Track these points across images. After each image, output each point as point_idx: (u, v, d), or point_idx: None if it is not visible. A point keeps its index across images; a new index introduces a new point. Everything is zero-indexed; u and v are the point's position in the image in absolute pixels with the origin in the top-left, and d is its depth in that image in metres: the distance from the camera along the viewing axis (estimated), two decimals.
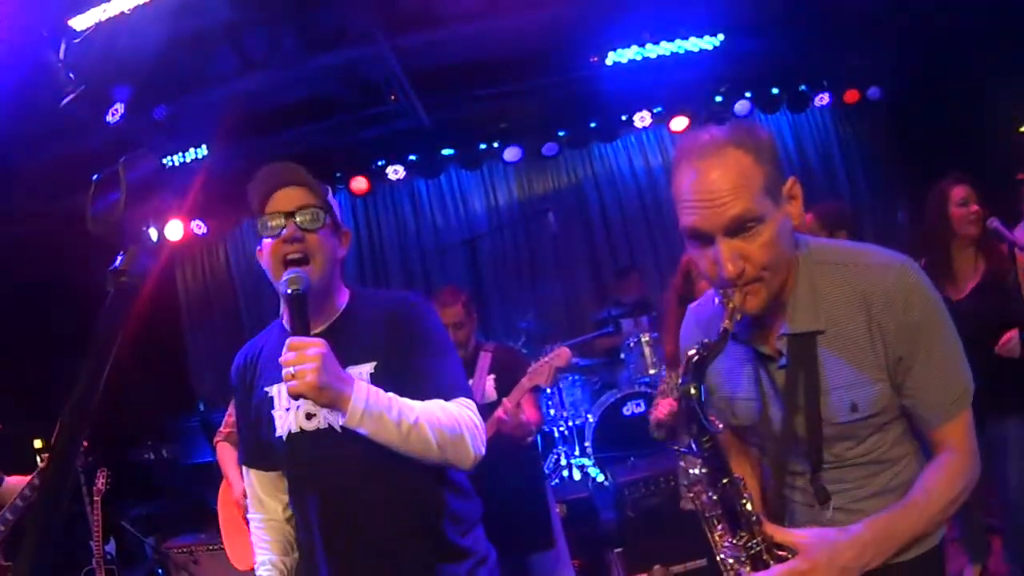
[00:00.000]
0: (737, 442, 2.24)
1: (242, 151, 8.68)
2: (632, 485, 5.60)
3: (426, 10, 7.09)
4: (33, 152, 7.09)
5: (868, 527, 1.83)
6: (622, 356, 8.05)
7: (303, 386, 2.06)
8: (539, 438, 7.72)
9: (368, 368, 2.36)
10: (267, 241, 2.37)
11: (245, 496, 2.76)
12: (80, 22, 5.78)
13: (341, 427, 2.23)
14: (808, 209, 4.74)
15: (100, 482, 5.71)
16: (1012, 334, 4.13)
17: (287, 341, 2.13)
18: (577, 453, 7.76)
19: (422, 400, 2.28)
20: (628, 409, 7.50)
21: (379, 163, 9.78)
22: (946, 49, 8.34)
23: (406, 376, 2.34)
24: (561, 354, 4.41)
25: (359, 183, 9.73)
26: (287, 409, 2.41)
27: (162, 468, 8.51)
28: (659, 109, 9.66)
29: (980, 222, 4.29)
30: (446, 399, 2.32)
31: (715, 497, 1.88)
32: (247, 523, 2.76)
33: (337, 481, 2.36)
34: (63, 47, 5.83)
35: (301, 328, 2.17)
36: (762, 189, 1.80)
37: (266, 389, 2.48)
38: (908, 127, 9.91)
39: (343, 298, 2.52)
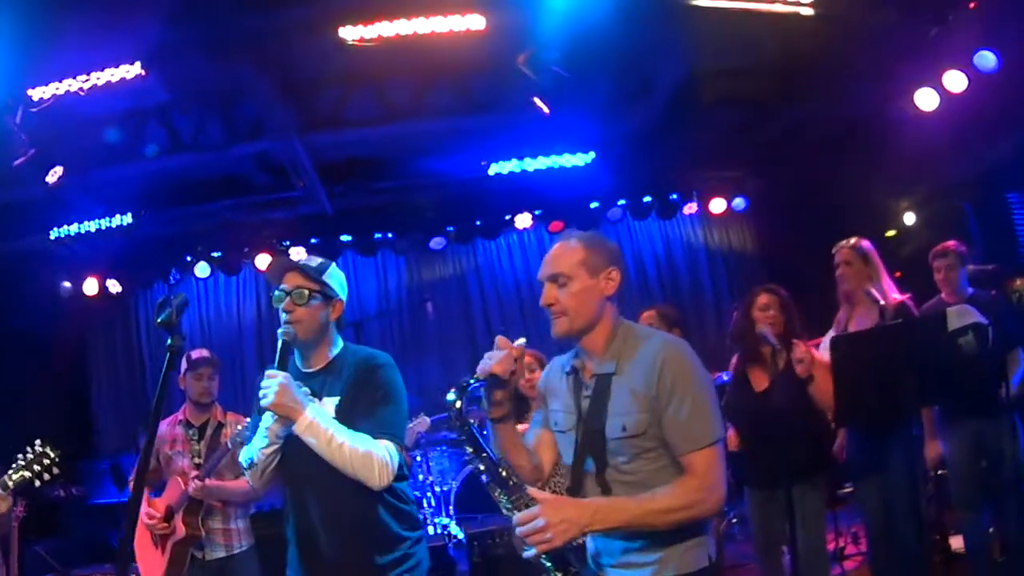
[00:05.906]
0: (548, 441, 2.93)
1: (161, 219, 9.44)
2: (480, 537, 6.36)
3: (335, 114, 8.14)
4: None
5: (597, 500, 2.55)
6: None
7: (267, 403, 3.06)
8: None
9: (335, 400, 3.30)
10: (276, 305, 3.30)
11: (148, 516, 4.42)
12: (38, 93, 6.55)
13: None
14: (652, 307, 5.72)
15: (19, 509, 6.19)
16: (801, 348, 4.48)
17: (266, 370, 3.14)
18: (443, 514, 8.64)
19: (362, 431, 3.17)
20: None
21: (284, 243, 10.47)
22: (806, 160, 9.26)
23: (357, 412, 3.23)
24: (422, 422, 5.45)
25: (263, 260, 10.35)
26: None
27: (71, 506, 9.02)
28: (539, 212, 10.70)
29: (778, 327, 4.75)
30: (374, 436, 3.16)
31: (492, 474, 2.63)
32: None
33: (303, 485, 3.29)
34: (20, 113, 6.65)
35: (279, 364, 3.15)
36: (580, 263, 2.66)
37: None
38: (770, 236, 10.84)
39: (335, 349, 3.42)
